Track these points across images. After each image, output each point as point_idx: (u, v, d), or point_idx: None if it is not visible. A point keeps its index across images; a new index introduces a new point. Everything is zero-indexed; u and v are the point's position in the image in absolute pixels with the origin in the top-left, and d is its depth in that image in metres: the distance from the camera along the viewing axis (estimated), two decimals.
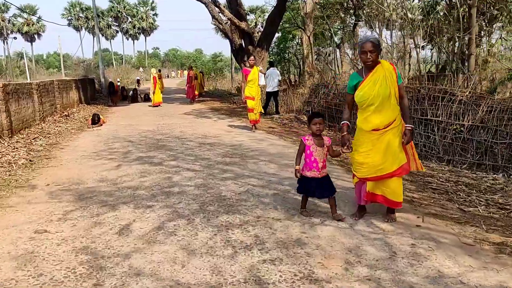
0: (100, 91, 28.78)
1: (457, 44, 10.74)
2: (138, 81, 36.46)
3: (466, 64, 10.08)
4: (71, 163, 7.21)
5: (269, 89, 14.74)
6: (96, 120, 12.27)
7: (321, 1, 34.21)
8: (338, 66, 25.72)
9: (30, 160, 7.39)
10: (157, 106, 18.67)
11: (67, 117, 13.74)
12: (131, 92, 21.61)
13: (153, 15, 74.83)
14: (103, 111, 16.98)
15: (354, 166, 4.25)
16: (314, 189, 4.22)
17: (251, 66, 10.64)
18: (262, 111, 10.80)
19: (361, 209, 4.38)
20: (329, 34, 40.36)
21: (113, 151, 8.18)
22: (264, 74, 13.45)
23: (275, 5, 21.86)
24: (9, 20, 69.05)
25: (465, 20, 9.96)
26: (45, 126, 11.49)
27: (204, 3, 19.97)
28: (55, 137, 10.07)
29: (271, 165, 6.70)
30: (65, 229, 4.13)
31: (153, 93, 18.69)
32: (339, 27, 38.27)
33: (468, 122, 7.03)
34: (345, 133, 4.22)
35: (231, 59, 54.78)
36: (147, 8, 74.45)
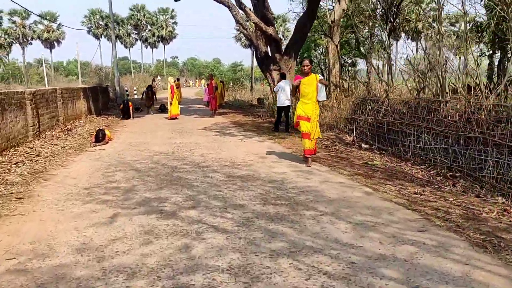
0: (114, 100, 26.94)
1: None
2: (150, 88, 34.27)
3: None
4: (48, 209, 5.00)
5: (279, 104, 12.82)
6: (100, 138, 10.15)
7: (350, 9, 32.07)
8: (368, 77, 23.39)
9: None
10: (174, 118, 16.56)
11: (69, 132, 11.68)
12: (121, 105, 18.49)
13: (173, 23, 73.52)
14: (113, 124, 14.91)
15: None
16: None
17: (306, 74, 7.56)
18: (320, 136, 8.30)
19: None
20: (356, 44, 38.14)
21: (111, 187, 5.97)
22: (326, 85, 10.71)
23: (305, 9, 19.74)
24: (29, 27, 68.46)
25: None
26: (38, 144, 9.41)
27: (228, 7, 17.90)
28: (45, 160, 7.93)
29: (341, 224, 4.38)
30: None
31: (170, 103, 16.58)
32: (366, 36, 36.03)
33: None
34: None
35: (252, 68, 52.80)
36: (167, 17, 73.16)
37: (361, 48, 36.92)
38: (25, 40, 68.59)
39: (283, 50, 18.91)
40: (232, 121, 16.00)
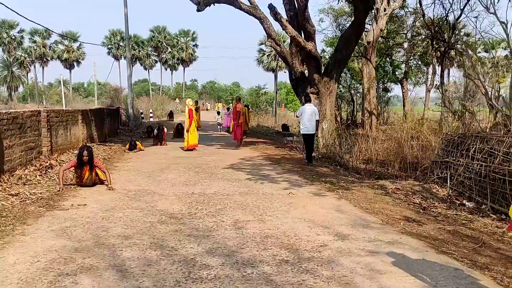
0: (127, 124, 23.91)
1: None
2: (171, 113, 31.34)
3: None
4: None
5: (303, 131, 11.03)
6: (87, 180, 6.84)
7: (387, 29, 28.83)
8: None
9: None
10: (191, 149, 13.26)
11: (48, 170, 8.40)
12: (156, 130, 15.66)
13: (193, 45, 71.42)
14: (115, 157, 11.64)
15: None
16: None
17: None
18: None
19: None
20: (391, 68, 34.56)
21: None
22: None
23: (351, 22, 16.54)
24: (50, 47, 67.10)
25: None
26: None
27: (259, 18, 14.78)
28: None
29: None
30: None
31: (187, 131, 13.30)
32: (403, 59, 32.60)
33: None
34: None
35: (275, 92, 49.79)
36: (187, 39, 71.09)
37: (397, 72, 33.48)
38: (45, 60, 67.21)
39: (323, 69, 15.69)
40: (263, 155, 12.60)
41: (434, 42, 25.33)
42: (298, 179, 8.58)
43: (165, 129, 14.68)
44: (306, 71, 16.14)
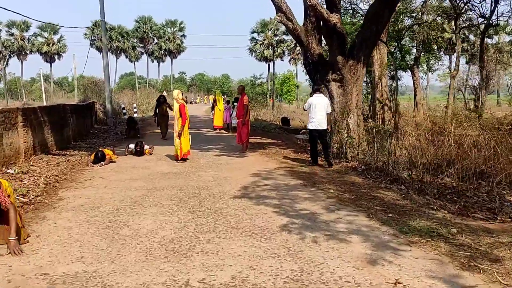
0: (104, 122, 19.88)
1: None
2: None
3: None
4: None
5: (312, 126, 9.18)
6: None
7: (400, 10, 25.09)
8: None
9: None
10: (183, 160, 9.41)
11: None
12: (133, 145, 10.76)
13: (181, 36, 66.79)
14: (70, 175, 7.74)
15: None
16: None
17: None
18: None
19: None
20: (400, 54, 30.73)
21: None
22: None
23: None
24: (28, 39, 62.06)
25: None
26: None
27: None
28: None
29: None
30: None
31: (179, 135, 9.40)
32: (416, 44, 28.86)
33: None
34: None
35: (272, 81, 45.77)
36: (175, 29, 66.40)
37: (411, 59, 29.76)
38: (24, 53, 62.19)
39: (347, 50, 11.95)
40: (283, 167, 8.78)
41: (459, 21, 21.66)
42: (371, 225, 4.77)
43: (146, 146, 10.64)
44: (324, 53, 12.47)
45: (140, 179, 7.55)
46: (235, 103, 19.07)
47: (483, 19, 15.84)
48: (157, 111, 14.18)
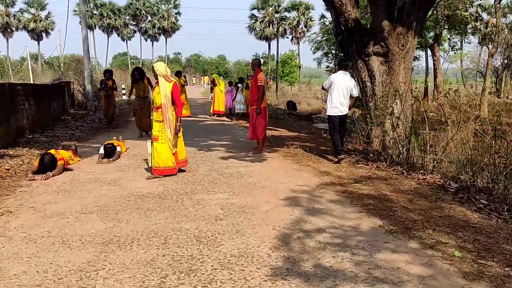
0: (83, 105, 16.60)
1: None
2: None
3: None
4: None
5: (330, 111, 7.02)
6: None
7: None
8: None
9: None
10: (181, 169, 6.16)
11: None
12: (101, 148, 7.17)
13: (176, 13, 62.48)
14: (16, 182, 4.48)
15: None
16: None
17: None
18: None
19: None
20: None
21: None
22: None
23: None
24: (14, 16, 57.64)
25: None
26: None
27: None
28: None
29: None
30: None
31: (176, 133, 6.05)
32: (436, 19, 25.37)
33: None
34: None
35: (277, 62, 42.13)
36: (169, 6, 62.06)
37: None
38: (9, 31, 57.83)
39: (396, 14, 8.76)
40: (329, 182, 5.60)
41: None
42: None
43: (119, 148, 7.21)
44: (374, 17, 9.37)
45: (98, 211, 4.33)
46: (239, 84, 15.78)
47: None
48: (133, 91, 9.98)
